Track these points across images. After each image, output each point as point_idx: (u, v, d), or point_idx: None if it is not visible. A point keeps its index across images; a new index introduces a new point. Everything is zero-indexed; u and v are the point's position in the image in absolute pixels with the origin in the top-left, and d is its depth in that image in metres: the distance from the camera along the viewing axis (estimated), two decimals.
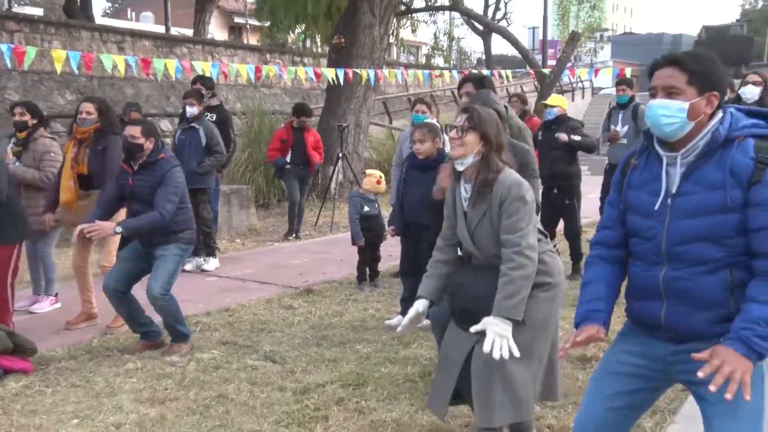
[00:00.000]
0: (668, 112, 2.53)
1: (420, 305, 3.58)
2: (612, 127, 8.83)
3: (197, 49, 20.76)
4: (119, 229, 5.24)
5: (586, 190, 8.12)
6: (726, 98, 2.67)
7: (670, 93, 2.54)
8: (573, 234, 7.94)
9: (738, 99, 7.56)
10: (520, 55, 22.69)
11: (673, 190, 2.57)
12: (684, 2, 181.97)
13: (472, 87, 5.19)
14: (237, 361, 5.25)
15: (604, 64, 40.83)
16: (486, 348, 3.19)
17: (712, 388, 2.31)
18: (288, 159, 10.68)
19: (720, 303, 2.50)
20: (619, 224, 2.79)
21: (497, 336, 3.20)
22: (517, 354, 3.22)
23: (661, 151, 2.63)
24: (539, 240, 3.52)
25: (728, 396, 2.29)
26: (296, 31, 19.39)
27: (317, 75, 12.70)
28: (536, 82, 19.72)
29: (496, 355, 3.18)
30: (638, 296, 2.71)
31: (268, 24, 18.38)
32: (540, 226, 3.62)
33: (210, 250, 8.57)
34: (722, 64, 2.63)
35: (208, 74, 10.20)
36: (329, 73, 12.41)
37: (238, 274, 8.30)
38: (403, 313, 6.18)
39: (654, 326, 2.66)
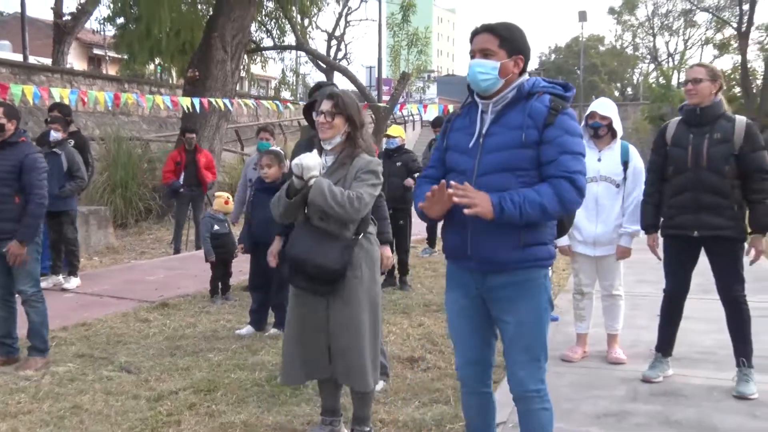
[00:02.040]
0: (484, 70, 2.77)
1: None
2: None
3: (56, 77, 19.64)
4: (26, 243, 4.89)
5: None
6: None
7: (486, 54, 2.79)
8: (403, 250, 8.10)
9: None
10: (358, 91, 23.00)
11: (484, 131, 2.81)
12: None
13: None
14: (92, 372, 4.96)
15: (431, 100, 42.13)
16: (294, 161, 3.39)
17: (455, 198, 2.63)
18: (181, 180, 10.35)
19: (511, 232, 2.74)
20: (440, 164, 3.01)
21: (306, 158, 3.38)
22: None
23: (477, 100, 2.87)
24: (369, 227, 3.65)
25: (455, 197, 2.63)
26: (153, 63, 18.79)
27: (174, 103, 12.34)
28: (372, 115, 20.04)
29: (297, 170, 3.38)
30: (450, 229, 2.93)
31: (126, 56, 17.70)
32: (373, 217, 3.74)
33: (72, 269, 8.06)
34: (526, 36, 2.89)
35: (66, 101, 9.66)
36: (185, 102, 12.09)
37: (96, 290, 7.87)
38: (252, 323, 6.09)
39: (462, 256, 2.88)
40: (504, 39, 2.77)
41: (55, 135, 7.79)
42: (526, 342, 2.84)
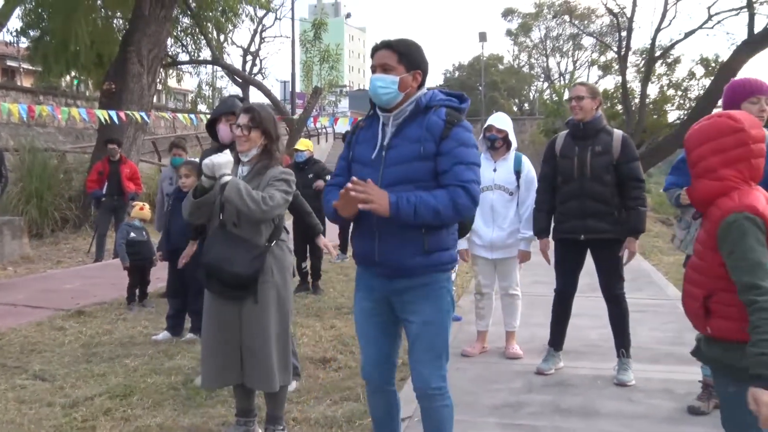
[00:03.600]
0: (384, 84, 2.79)
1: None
2: None
3: None
4: None
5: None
6: None
7: (385, 69, 2.80)
8: (317, 257, 8.07)
9: None
10: (273, 105, 22.81)
11: (385, 143, 2.83)
12: None
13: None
14: (5, 382, 4.71)
15: (343, 113, 42.09)
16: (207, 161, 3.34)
17: (352, 193, 2.65)
18: (104, 190, 10.11)
19: (415, 238, 2.77)
20: (347, 172, 2.98)
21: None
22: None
23: (379, 113, 2.89)
24: (282, 235, 3.63)
25: (352, 192, 2.63)
26: (69, 75, 18.09)
27: (91, 115, 11.92)
28: (287, 128, 19.90)
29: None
30: (359, 236, 2.93)
31: (40, 68, 16.97)
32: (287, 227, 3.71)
33: None
34: (424, 53, 2.90)
35: None
36: (102, 114, 11.70)
37: (9, 299, 7.49)
38: (169, 328, 5.95)
39: (371, 262, 2.88)
40: (402, 55, 2.80)
41: None
42: (429, 341, 2.86)
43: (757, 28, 19.85)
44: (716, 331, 2.41)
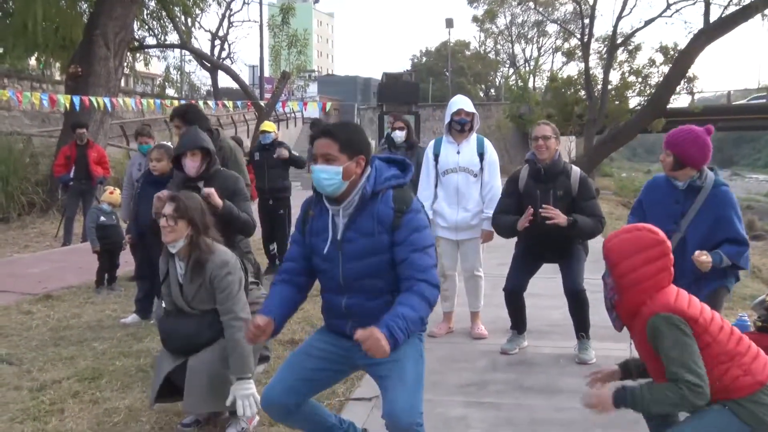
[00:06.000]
0: (327, 176, 2.69)
1: None
2: None
3: None
4: None
5: (296, 202, 8.28)
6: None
7: (327, 159, 2.69)
8: (281, 240, 8.02)
9: (391, 141, 6.85)
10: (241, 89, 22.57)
11: (339, 237, 2.74)
12: (371, 53, 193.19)
13: (180, 121, 4.91)
14: None
15: (312, 98, 41.80)
16: (240, 413, 3.28)
17: (359, 337, 2.51)
18: (72, 174, 9.99)
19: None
20: (302, 259, 2.90)
21: (245, 398, 3.28)
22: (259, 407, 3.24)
23: (328, 205, 2.78)
24: (251, 289, 3.62)
25: (366, 347, 2.50)
26: (32, 58, 17.64)
27: (52, 101, 11.65)
28: (255, 113, 19.71)
29: (248, 414, 3.30)
30: (330, 316, 2.90)
31: (1, 50, 16.51)
32: (252, 278, 3.67)
33: None
34: (364, 134, 2.81)
35: None
36: (64, 100, 11.44)
37: None
38: (138, 312, 5.88)
39: (343, 334, 2.84)
40: (343, 143, 2.69)
41: None
42: (403, 376, 2.72)
43: (713, 18, 20.14)
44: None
